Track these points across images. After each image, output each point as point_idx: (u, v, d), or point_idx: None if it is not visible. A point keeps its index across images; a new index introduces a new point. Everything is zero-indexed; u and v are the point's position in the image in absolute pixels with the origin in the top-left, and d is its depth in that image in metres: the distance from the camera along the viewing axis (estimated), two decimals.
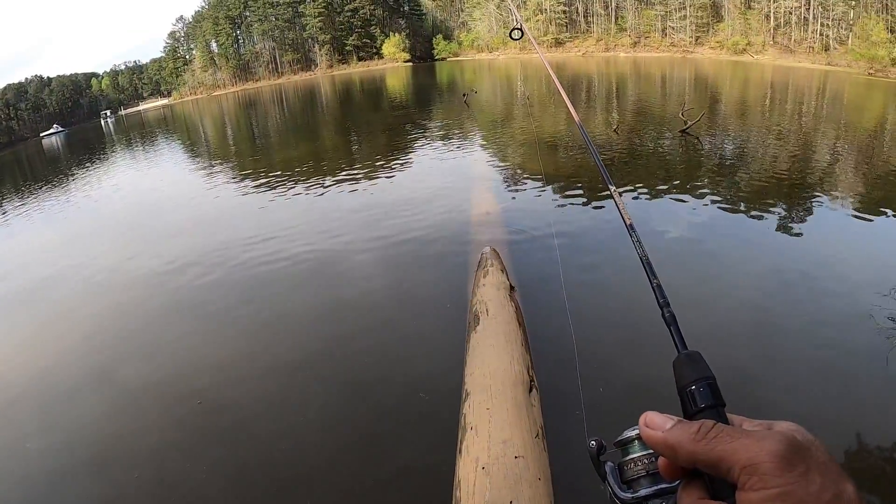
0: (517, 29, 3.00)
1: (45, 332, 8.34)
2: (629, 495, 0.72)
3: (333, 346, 6.44)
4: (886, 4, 47.85)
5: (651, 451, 0.70)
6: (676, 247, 8.44)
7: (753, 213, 9.87)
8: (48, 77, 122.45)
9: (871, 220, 9.57)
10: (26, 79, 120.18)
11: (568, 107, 1.73)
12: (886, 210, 9.85)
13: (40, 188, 24.49)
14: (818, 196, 10.84)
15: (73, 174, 28.10)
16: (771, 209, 10.07)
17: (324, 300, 7.81)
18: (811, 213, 9.95)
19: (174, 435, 5.24)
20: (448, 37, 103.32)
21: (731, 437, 0.57)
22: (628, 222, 1.02)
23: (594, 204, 10.72)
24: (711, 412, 0.65)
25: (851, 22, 52.31)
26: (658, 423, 0.64)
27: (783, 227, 9.32)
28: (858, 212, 9.97)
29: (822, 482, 0.53)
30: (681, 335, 0.78)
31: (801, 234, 9.06)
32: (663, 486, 0.69)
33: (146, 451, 5.08)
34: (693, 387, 0.68)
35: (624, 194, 11.00)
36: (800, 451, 0.55)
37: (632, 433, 0.73)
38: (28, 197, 22.31)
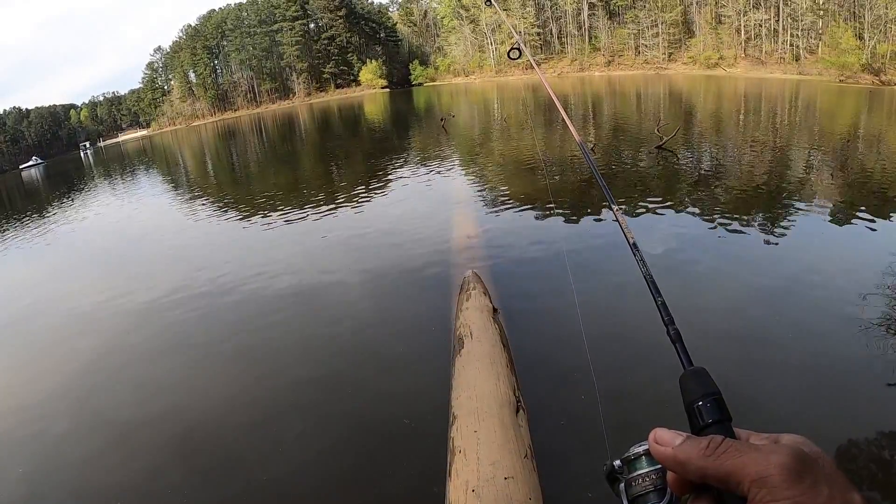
0: (515, 49, 3.04)
1: (28, 367, 8.25)
2: None
3: (317, 374, 6.44)
4: (854, 12, 48.84)
5: (658, 466, 0.70)
6: (658, 262, 8.51)
7: (733, 224, 9.99)
8: (26, 109, 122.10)
9: (848, 224, 9.77)
10: (4, 110, 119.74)
11: (570, 128, 1.77)
12: (863, 213, 10.04)
13: (21, 222, 24.20)
14: (797, 204, 11.00)
15: (54, 207, 27.85)
16: (751, 220, 10.21)
17: (306, 328, 7.81)
18: (791, 222, 10.08)
19: (158, 466, 5.19)
20: (424, 62, 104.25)
21: (740, 451, 0.58)
22: (631, 241, 1.06)
23: (574, 223, 10.84)
24: (719, 427, 0.66)
25: (820, 31, 53.38)
26: (667, 440, 0.64)
27: (764, 237, 9.44)
28: (836, 217, 10.17)
29: (830, 493, 0.54)
30: (686, 352, 0.78)
31: (783, 243, 9.16)
32: (670, 501, 0.69)
33: (129, 482, 5.03)
34: (700, 402, 0.69)
35: (603, 211, 11.13)
36: (807, 463, 0.56)
37: (639, 449, 0.73)
38: (9, 231, 22.05)
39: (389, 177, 18.70)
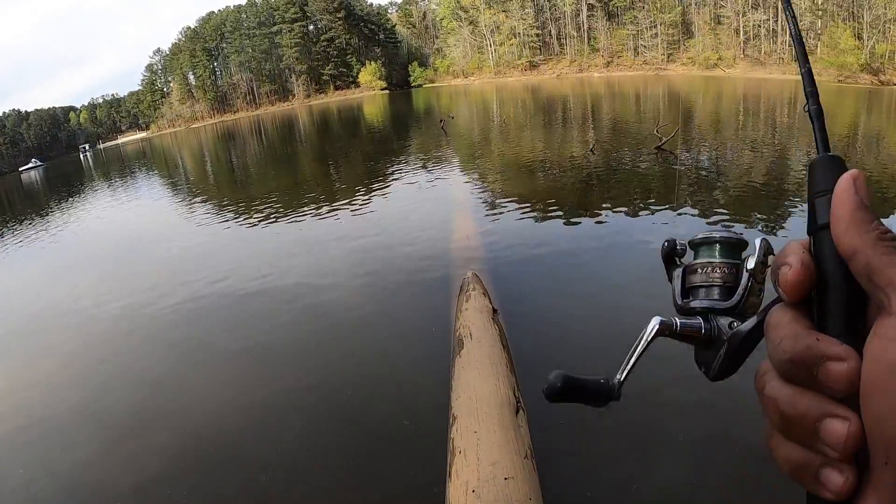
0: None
1: (28, 369, 8.25)
2: (684, 303, 0.65)
3: (318, 376, 6.45)
4: (853, 12, 48.99)
5: (735, 261, 0.63)
6: (659, 261, 8.49)
7: (733, 224, 9.99)
8: (26, 111, 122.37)
9: None
10: (3, 113, 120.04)
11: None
12: None
13: (21, 224, 24.18)
14: (796, 204, 10.98)
15: (54, 210, 27.88)
16: (750, 220, 10.22)
17: (306, 330, 7.81)
18: (790, 221, 10.07)
19: (158, 466, 5.19)
20: (423, 63, 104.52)
21: None
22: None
23: (574, 224, 10.85)
24: None
25: (819, 31, 53.51)
26: (862, 189, 0.48)
27: (764, 236, 9.43)
28: None
29: None
30: (825, 134, 0.63)
31: (782, 242, 9.15)
32: (737, 304, 0.61)
33: (129, 483, 5.02)
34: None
35: (604, 212, 11.17)
36: None
37: (717, 235, 0.65)
38: (9, 234, 22.05)
39: (389, 178, 18.72)
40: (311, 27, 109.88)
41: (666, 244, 0.70)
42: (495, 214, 12.08)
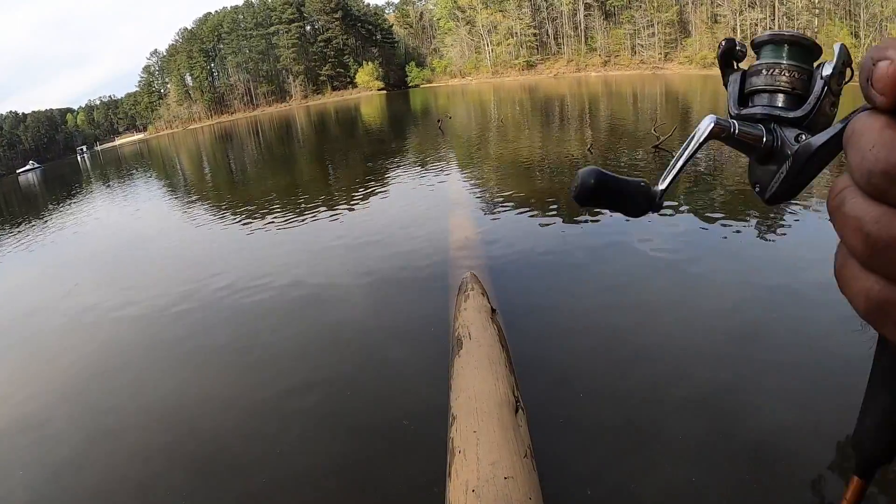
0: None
1: (27, 370, 8.24)
2: (741, 109, 0.58)
3: (316, 376, 6.44)
4: (850, 11, 49.12)
5: (809, 67, 0.55)
6: (657, 261, 8.52)
7: (732, 223, 9.98)
8: (23, 113, 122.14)
9: None
10: (1, 115, 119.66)
11: None
12: None
13: (18, 227, 24.11)
14: (795, 202, 10.97)
15: (52, 212, 27.80)
16: (749, 218, 10.19)
17: (305, 331, 7.80)
18: (789, 220, 10.05)
19: (156, 468, 5.17)
20: (421, 64, 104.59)
21: None
22: None
23: (572, 223, 10.84)
24: None
25: (816, 30, 53.63)
26: None
27: (763, 235, 9.44)
28: None
29: None
30: None
31: (782, 242, 9.15)
32: (807, 114, 0.53)
33: (127, 485, 5.01)
34: None
35: (602, 211, 11.16)
36: None
37: (786, 34, 0.56)
38: (7, 236, 21.99)
39: (387, 179, 18.71)
40: (307, 28, 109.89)
41: (724, 43, 0.62)
42: (494, 214, 12.08)
